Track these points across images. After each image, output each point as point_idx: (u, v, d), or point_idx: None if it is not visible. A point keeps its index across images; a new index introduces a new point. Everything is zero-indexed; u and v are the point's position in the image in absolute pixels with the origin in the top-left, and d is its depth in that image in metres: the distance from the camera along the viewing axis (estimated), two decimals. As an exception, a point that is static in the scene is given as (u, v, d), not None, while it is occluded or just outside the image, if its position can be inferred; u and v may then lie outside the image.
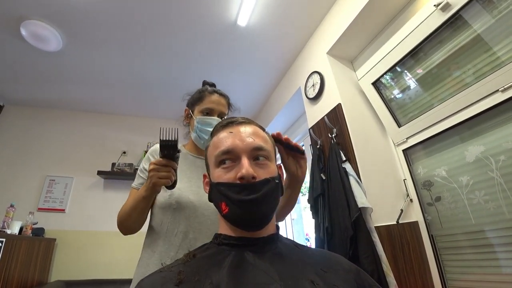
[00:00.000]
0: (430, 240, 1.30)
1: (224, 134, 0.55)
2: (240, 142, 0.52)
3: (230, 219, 0.51)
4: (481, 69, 1.12)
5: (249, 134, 0.54)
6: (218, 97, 1.01)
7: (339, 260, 0.56)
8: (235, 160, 0.52)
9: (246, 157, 0.51)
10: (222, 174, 0.52)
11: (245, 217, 0.49)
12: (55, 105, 2.78)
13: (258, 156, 0.53)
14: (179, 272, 0.45)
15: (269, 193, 0.50)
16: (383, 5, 1.42)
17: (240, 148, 0.52)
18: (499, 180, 1.04)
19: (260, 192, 0.49)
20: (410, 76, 1.45)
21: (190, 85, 2.75)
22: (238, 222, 0.51)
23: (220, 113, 0.98)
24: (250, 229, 0.51)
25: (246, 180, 0.49)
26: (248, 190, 0.49)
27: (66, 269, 2.23)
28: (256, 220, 0.50)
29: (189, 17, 1.76)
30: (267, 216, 0.52)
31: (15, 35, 1.81)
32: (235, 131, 0.55)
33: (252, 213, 0.49)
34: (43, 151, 2.63)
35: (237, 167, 0.51)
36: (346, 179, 1.33)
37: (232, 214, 0.50)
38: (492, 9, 1.07)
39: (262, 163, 0.53)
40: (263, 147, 0.54)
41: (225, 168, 0.52)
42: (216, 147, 0.54)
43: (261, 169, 0.52)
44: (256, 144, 0.53)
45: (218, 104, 0.98)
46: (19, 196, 2.35)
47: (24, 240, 1.82)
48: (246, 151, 0.52)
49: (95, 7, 1.65)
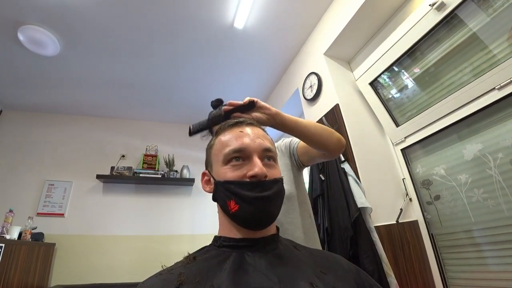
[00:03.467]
0: (430, 239, 1.30)
1: (233, 133, 0.55)
2: (251, 142, 0.53)
3: (240, 217, 0.50)
4: (477, 67, 1.13)
5: (258, 135, 0.56)
6: None
7: (338, 261, 0.56)
8: (245, 158, 0.52)
9: (257, 157, 0.52)
10: (230, 171, 0.52)
11: (256, 215, 0.49)
12: (54, 109, 2.78)
13: (266, 156, 0.54)
14: (179, 274, 0.45)
15: (277, 193, 0.51)
16: (379, 6, 1.43)
17: (252, 147, 0.53)
18: (498, 177, 1.04)
19: (271, 190, 0.50)
20: (407, 76, 1.46)
21: (188, 88, 2.77)
22: (249, 220, 0.50)
23: None
24: (258, 227, 0.51)
25: (258, 179, 0.49)
26: (260, 188, 0.49)
27: (66, 273, 2.22)
28: (266, 218, 0.51)
29: (186, 20, 1.76)
30: (275, 215, 0.52)
31: (13, 40, 1.82)
32: (245, 131, 0.56)
33: (264, 211, 0.49)
34: (42, 155, 2.62)
35: (247, 165, 0.51)
36: (345, 179, 1.33)
37: (242, 212, 0.49)
38: (487, 8, 1.08)
39: (270, 163, 0.54)
40: (271, 149, 0.55)
41: (235, 166, 0.52)
42: (225, 145, 0.54)
43: (270, 169, 0.53)
44: (266, 145, 0.54)
45: None
46: (18, 201, 2.34)
47: (23, 245, 1.81)
48: (257, 151, 0.53)
49: (93, 11, 1.65)
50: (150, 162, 2.76)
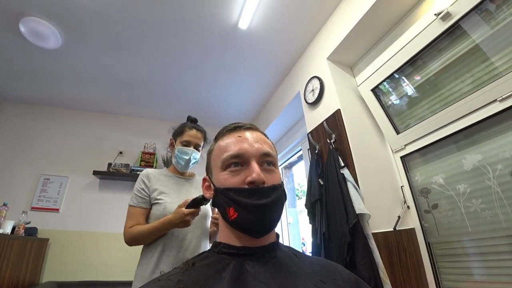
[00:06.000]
0: (426, 247, 1.30)
1: (232, 139, 0.55)
2: (249, 147, 0.52)
3: (239, 224, 0.50)
4: (479, 79, 1.14)
5: (257, 140, 0.55)
6: (196, 132, 1.27)
7: (338, 270, 0.56)
8: (243, 164, 0.52)
9: (255, 162, 0.51)
10: (229, 177, 0.51)
11: (255, 223, 0.48)
12: (52, 103, 2.76)
13: (266, 162, 0.53)
14: (177, 281, 0.44)
15: (277, 199, 0.50)
16: (384, 13, 1.43)
17: (250, 152, 0.52)
18: (496, 188, 1.05)
19: (270, 197, 0.49)
20: (409, 84, 1.46)
21: (189, 87, 2.74)
22: (248, 228, 0.49)
23: (195, 145, 1.25)
24: (258, 235, 0.50)
25: (256, 185, 0.48)
26: (259, 195, 0.48)
27: (59, 270, 2.19)
28: (265, 226, 0.50)
29: (190, 17, 1.75)
30: (275, 222, 0.51)
31: (14, 32, 1.80)
32: (243, 136, 0.55)
33: (263, 219, 0.49)
34: (39, 149, 2.60)
35: (245, 171, 0.51)
36: (344, 185, 1.33)
37: (241, 219, 0.49)
38: (490, 20, 1.09)
39: (270, 169, 0.53)
40: (270, 154, 0.54)
41: (233, 172, 0.51)
42: (223, 150, 0.54)
43: (269, 175, 0.52)
44: (265, 150, 0.53)
45: (195, 138, 1.26)
46: (12, 195, 2.31)
47: (16, 240, 1.79)
48: (255, 156, 0.52)
49: (96, 5, 1.64)
50: (148, 159, 2.75)
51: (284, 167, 2.93)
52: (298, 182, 3.30)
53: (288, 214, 2.76)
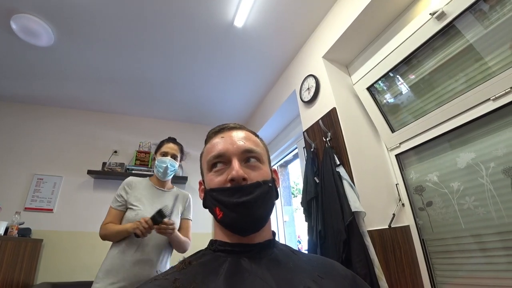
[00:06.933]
0: (421, 244, 1.32)
1: (216, 140, 0.56)
2: (230, 146, 0.53)
3: (225, 223, 0.51)
4: (473, 78, 1.15)
5: (240, 138, 0.56)
6: (173, 145, 1.49)
7: (335, 266, 0.56)
8: (227, 163, 0.52)
9: (236, 160, 0.52)
10: (214, 177, 0.52)
11: (238, 221, 0.49)
12: (45, 101, 2.71)
13: (249, 158, 0.54)
14: (174, 280, 0.44)
15: (261, 196, 0.50)
16: (380, 12, 1.44)
17: (230, 151, 0.53)
18: (489, 186, 1.07)
19: (252, 194, 0.49)
20: (404, 82, 1.48)
21: (183, 85, 2.73)
22: (233, 227, 0.50)
23: (172, 155, 1.45)
24: (244, 233, 0.50)
25: (237, 182, 0.49)
26: (240, 193, 0.49)
27: (53, 271, 2.17)
28: (249, 224, 0.50)
29: (185, 14, 1.74)
30: (261, 220, 0.51)
31: (5, 29, 1.76)
32: (226, 135, 0.56)
33: (246, 216, 0.49)
34: (32, 148, 2.55)
35: (228, 169, 0.52)
36: (340, 183, 1.34)
37: (226, 218, 0.49)
38: (484, 20, 1.10)
39: (254, 165, 0.54)
40: (253, 150, 0.54)
41: (217, 172, 0.53)
42: (208, 152, 0.56)
43: (253, 171, 0.52)
44: (246, 146, 0.54)
45: (172, 149, 1.47)
46: (5, 195, 2.28)
47: (9, 241, 1.76)
48: (236, 154, 0.53)
49: (90, 2, 1.61)
50: (143, 159, 2.72)
51: (280, 165, 2.93)
52: (293, 180, 3.31)
53: (284, 212, 2.77)
